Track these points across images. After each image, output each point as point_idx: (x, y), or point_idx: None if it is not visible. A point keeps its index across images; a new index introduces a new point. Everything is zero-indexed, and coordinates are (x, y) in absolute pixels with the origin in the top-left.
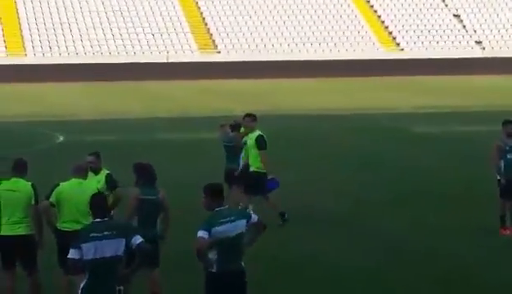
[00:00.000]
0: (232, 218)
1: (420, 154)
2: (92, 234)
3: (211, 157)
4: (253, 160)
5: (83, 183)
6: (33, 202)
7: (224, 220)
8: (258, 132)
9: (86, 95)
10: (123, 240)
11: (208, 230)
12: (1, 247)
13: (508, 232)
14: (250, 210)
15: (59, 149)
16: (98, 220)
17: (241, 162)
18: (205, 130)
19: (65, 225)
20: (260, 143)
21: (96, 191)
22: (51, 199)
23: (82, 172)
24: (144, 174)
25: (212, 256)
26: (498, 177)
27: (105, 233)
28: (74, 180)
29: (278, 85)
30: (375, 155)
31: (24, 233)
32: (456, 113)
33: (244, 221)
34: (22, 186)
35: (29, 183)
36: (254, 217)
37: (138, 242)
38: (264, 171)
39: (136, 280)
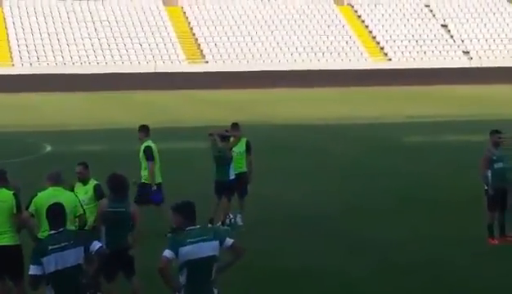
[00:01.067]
0: (204, 238)
1: (409, 163)
2: (50, 247)
3: (199, 167)
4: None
5: (58, 191)
6: (14, 211)
7: (194, 239)
8: (245, 138)
9: (74, 106)
10: (82, 248)
11: (175, 250)
12: None
13: (496, 242)
14: (239, 219)
15: (47, 159)
16: (53, 231)
17: (232, 173)
18: (193, 140)
19: (45, 234)
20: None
21: (73, 200)
22: (29, 209)
23: (55, 180)
24: (114, 186)
25: (181, 279)
26: (485, 187)
27: (64, 243)
28: (50, 189)
29: (266, 95)
30: (365, 164)
31: (8, 243)
32: (445, 122)
33: (216, 243)
34: (4, 196)
35: (11, 192)
36: (229, 241)
37: (97, 247)
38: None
39: (118, 290)
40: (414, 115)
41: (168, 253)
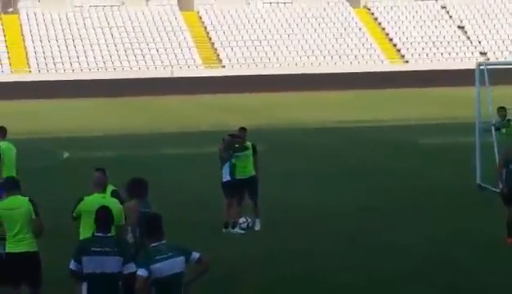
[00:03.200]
0: (170, 254)
1: (425, 166)
2: (93, 248)
3: (217, 172)
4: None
5: (106, 197)
6: (33, 216)
7: (161, 256)
8: (250, 142)
9: (91, 112)
10: (122, 258)
11: (147, 268)
12: (7, 264)
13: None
14: (258, 224)
15: (64, 165)
16: (101, 234)
17: (227, 174)
18: (210, 144)
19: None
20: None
21: (119, 208)
22: (74, 214)
23: (102, 187)
24: (137, 189)
25: None
26: (500, 186)
27: (107, 249)
28: (96, 195)
29: (283, 98)
30: (383, 167)
31: (27, 249)
32: (464, 124)
33: (182, 259)
34: (21, 203)
35: (26, 198)
36: (195, 255)
37: (131, 270)
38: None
39: None
40: (431, 117)
41: (142, 272)
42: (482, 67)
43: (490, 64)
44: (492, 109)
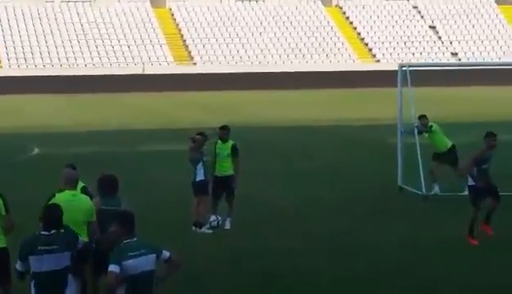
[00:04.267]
0: (142, 251)
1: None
2: (40, 247)
3: (187, 169)
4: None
5: (77, 194)
6: (3, 212)
7: (133, 253)
8: (231, 142)
9: (62, 108)
10: (69, 253)
11: (119, 264)
12: None
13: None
14: (227, 223)
15: (34, 161)
16: (46, 232)
17: (199, 175)
18: (181, 142)
19: None
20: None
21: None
22: None
23: (74, 183)
24: (104, 186)
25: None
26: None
27: (54, 247)
28: (67, 192)
29: (255, 96)
30: (353, 167)
31: None
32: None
33: (153, 256)
34: None
35: None
36: (166, 253)
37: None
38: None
39: None
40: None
41: (114, 268)
42: (404, 68)
43: (412, 66)
44: (415, 110)
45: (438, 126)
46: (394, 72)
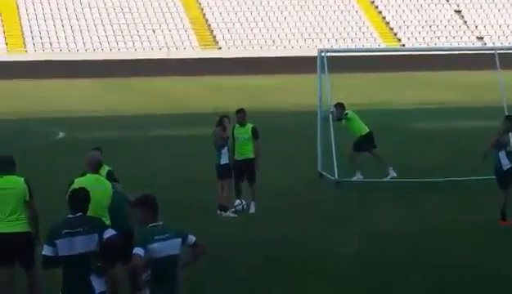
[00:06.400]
0: (167, 235)
1: (423, 150)
2: (64, 230)
3: (210, 153)
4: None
5: (100, 178)
6: (27, 197)
7: (159, 237)
8: (251, 125)
9: (87, 92)
10: (96, 235)
11: (144, 247)
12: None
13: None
14: (252, 207)
15: (59, 145)
16: (70, 216)
17: (223, 158)
18: (205, 126)
19: None
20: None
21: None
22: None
23: (96, 167)
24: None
25: (144, 277)
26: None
27: (78, 229)
28: (90, 176)
29: (280, 81)
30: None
31: (21, 230)
32: (459, 109)
33: (179, 240)
34: (15, 183)
35: (22, 178)
36: (191, 238)
37: (109, 234)
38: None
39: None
40: (427, 101)
41: (140, 251)
42: (323, 54)
43: (330, 51)
44: (331, 97)
45: (354, 112)
46: (418, 56)
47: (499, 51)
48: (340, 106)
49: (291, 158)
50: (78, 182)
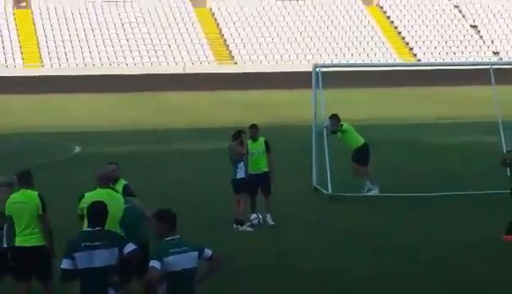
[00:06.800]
0: (184, 249)
1: (441, 163)
2: (83, 244)
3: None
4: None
5: (111, 192)
6: (40, 212)
7: (175, 250)
8: (263, 138)
9: (102, 107)
10: (116, 249)
11: (160, 260)
12: (16, 258)
13: None
14: (269, 219)
15: (76, 160)
16: (89, 229)
17: (240, 172)
18: (222, 140)
19: None
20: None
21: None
22: (78, 212)
23: (109, 181)
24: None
25: (161, 290)
26: None
27: (97, 243)
28: (101, 190)
29: (295, 95)
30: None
31: (36, 244)
32: (476, 123)
33: (195, 254)
34: (30, 197)
35: (36, 193)
36: (208, 252)
37: (130, 249)
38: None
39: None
40: (443, 116)
41: (156, 263)
42: (317, 69)
43: (325, 67)
44: (326, 111)
45: (350, 124)
46: (434, 71)
47: (494, 67)
48: (335, 118)
49: (287, 172)
50: (89, 196)
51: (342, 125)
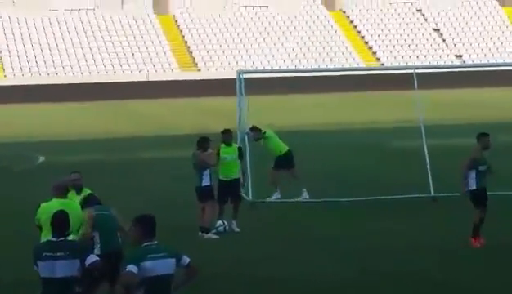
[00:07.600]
0: (162, 255)
1: (403, 169)
2: (44, 253)
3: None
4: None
5: (67, 202)
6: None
7: (152, 255)
8: (236, 145)
9: (66, 116)
10: (78, 261)
11: (137, 264)
12: None
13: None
14: (234, 226)
15: (40, 169)
16: (54, 239)
17: (205, 180)
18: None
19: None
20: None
21: (80, 213)
22: (36, 222)
23: (63, 191)
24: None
25: None
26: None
27: (59, 253)
28: (56, 200)
29: (259, 101)
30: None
31: None
32: (439, 126)
33: (173, 261)
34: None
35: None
36: (186, 259)
37: (92, 260)
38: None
39: None
40: (405, 120)
41: (133, 268)
42: (242, 75)
43: (248, 73)
44: (248, 118)
45: (273, 131)
46: (398, 75)
47: (417, 71)
48: (255, 129)
49: None
50: (44, 207)
51: (265, 132)
